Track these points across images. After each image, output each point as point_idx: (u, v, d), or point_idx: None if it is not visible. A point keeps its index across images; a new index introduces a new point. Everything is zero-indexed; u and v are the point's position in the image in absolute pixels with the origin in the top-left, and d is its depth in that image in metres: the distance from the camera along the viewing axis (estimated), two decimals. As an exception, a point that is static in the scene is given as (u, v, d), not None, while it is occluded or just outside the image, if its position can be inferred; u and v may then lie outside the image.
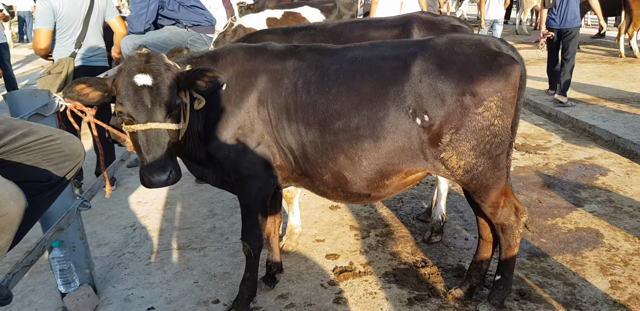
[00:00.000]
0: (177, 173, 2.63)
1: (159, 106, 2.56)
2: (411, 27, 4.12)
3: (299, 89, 2.81)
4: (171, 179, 2.58)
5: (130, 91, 2.54)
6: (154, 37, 4.66)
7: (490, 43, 2.76)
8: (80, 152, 2.30)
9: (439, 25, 4.20)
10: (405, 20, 4.21)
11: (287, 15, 6.86)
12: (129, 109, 2.55)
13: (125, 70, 2.60)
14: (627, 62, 10.73)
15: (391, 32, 4.17)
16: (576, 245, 4.03)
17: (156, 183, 2.55)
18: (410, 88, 2.67)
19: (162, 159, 2.56)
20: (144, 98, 2.54)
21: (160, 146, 2.57)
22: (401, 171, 2.81)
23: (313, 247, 4.11)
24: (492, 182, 2.86)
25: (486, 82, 2.64)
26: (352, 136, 2.73)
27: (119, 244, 4.31)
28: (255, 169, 2.91)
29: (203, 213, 4.80)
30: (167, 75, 2.61)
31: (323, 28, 4.24)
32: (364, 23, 4.33)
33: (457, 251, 3.99)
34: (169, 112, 2.60)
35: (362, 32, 4.15)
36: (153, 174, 2.54)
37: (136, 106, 2.54)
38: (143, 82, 2.55)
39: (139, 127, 2.55)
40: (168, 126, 2.59)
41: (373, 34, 4.14)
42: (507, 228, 3.05)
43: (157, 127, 2.55)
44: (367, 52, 2.83)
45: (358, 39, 4.07)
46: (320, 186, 2.95)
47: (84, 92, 2.60)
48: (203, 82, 2.68)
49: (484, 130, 2.71)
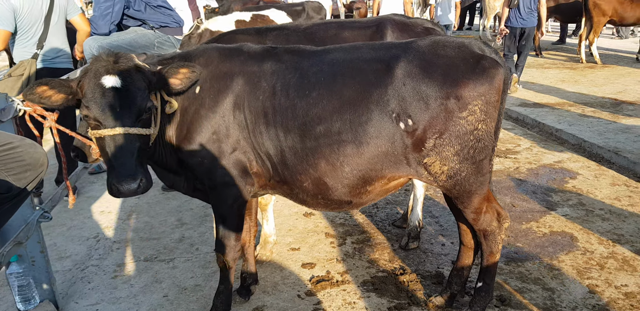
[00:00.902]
0: (148, 181, 2.47)
1: (129, 110, 2.40)
2: (385, 28, 4.07)
3: (277, 92, 2.69)
4: (142, 188, 2.41)
5: (97, 93, 2.38)
6: (119, 38, 4.45)
7: (474, 46, 2.70)
8: (42, 161, 2.13)
9: (412, 27, 4.19)
10: (378, 22, 4.17)
11: (256, 18, 6.72)
12: (96, 113, 2.38)
13: (92, 71, 2.43)
14: (588, 68, 10.98)
15: (364, 32, 4.12)
16: (552, 249, 4.02)
17: (125, 192, 2.38)
18: (394, 91, 2.58)
19: (131, 166, 2.39)
20: (113, 101, 2.38)
21: (129, 152, 2.41)
22: (384, 177, 2.72)
23: (288, 256, 3.98)
24: (475, 187, 2.80)
25: (470, 85, 2.58)
26: (334, 141, 2.62)
27: (82, 256, 4.08)
28: (231, 176, 2.77)
29: (171, 223, 4.61)
30: (138, 76, 2.46)
31: (297, 28, 4.15)
32: (337, 24, 4.26)
33: (435, 258, 3.92)
34: (139, 116, 2.44)
35: (336, 32, 4.09)
36: (122, 183, 2.37)
37: (104, 109, 2.38)
38: (111, 83, 2.39)
39: (107, 132, 2.38)
40: (138, 130, 2.43)
41: (347, 34, 4.08)
42: (489, 234, 2.99)
43: (127, 132, 2.39)
44: (348, 54, 2.73)
45: (332, 39, 4.00)
46: (300, 194, 2.83)
47: (46, 94, 2.42)
48: (177, 79, 2.55)
49: (468, 135, 2.64)
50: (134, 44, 4.46)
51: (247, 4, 8.71)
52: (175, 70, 2.52)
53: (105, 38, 4.40)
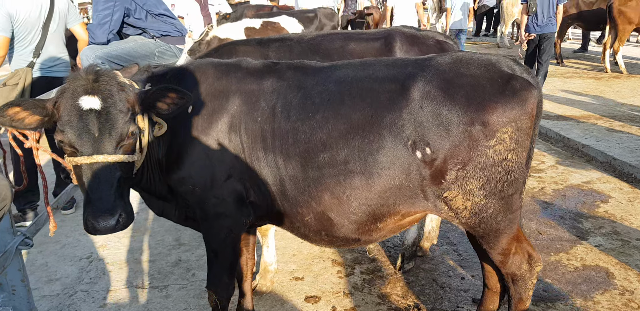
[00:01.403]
0: (128, 216, 2.16)
1: (109, 135, 2.11)
2: (393, 41, 3.82)
3: (277, 113, 2.37)
4: (120, 224, 2.11)
5: (73, 116, 2.08)
6: (118, 48, 4.17)
7: (502, 64, 2.35)
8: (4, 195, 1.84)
9: (423, 40, 3.94)
10: (387, 34, 3.92)
11: (266, 25, 6.46)
12: (72, 138, 2.09)
13: (69, 91, 2.13)
14: (613, 78, 10.47)
15: (372, 45, 3.87)
16: (585, 287, 3.61)
17: (101, 230, 2.09)
18: (410, 115, 2.24)
19: (109, 199, 2.09)
20: (90, 125, 2.08)
21: (108, 183, 2.11)
22: (397, 213, 2.38)
23: (290, 286, 3.64)
24: (503, 226, 2.44)
25: (499, 110, 2.22)
26: (340, 171, 2.29)
27: (72, 279, 3.79)
28: (225, 206, 2.45)
29: (168, 243, 4.30)
30: (120, 97, 2.16)
31: (300, 39, 3.87)
32: (343, 35, 4.00)
33: (454, 293, 3.55)
34: (120, 141, 2.14)
35: (342, 44, 3.85)
36: (98, 219, 2.07)
37: (80, 134, 2.08)
38: (90, 105, 2.09)
39: (84, 160, 2.08)
40: (119, 158, 2.13)
41: (353, 46, 3.84)
42: (519, 279, 2.62)
43: (105, 160, 2.09)
44: (357, 72, 2.40)
45: (338, 51, 3.76)
46: (301, 228, 2.50)
47: (18, 116, 2.12)
48: (165, 104, 2.24)
49: (496, 166, 2.29)
50: (134, 54, 4.18)
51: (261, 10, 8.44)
52: (162, 93, 2.21)
53: (103, 47, 4.13)
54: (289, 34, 4.32)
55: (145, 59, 4.24)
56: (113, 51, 4.11)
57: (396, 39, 3.87)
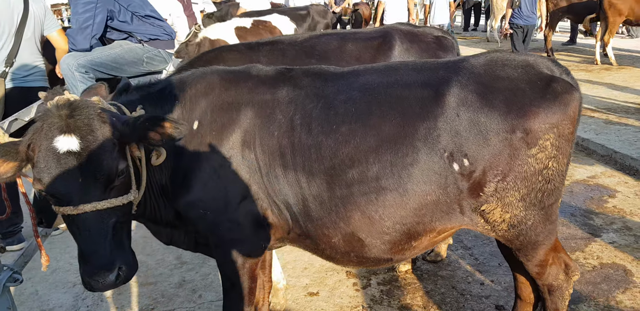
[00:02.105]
0: (130, 267, 1.92)
1: (94, 179, 1.82)
2: (392, 39, 3.67)
3: (296, 126, 2.16)
4: (122, 278, 1.87)
5: (50, 161, 1.79)
6: (102, 55, 3.87)
7: (541, 65, 2.18)
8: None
9: (422, 37, 3.82)
10: (384, 32, 3.77)
11: (257, 24, 6.22)
12: (52, 188, 1.80)
13: (42, 130, 1.83)
14: (604, 70, 10.45)
15: (370, 44, 3.71)
16: (606, 286, 3.50)
17: (100, 288, 1.84)
18: (446, 125, 2.05)
19: (105, 252, 1.82)
20: (71, 170, 1.79)
21: (102, 233, 1.83)
22: (433, 230, 2.19)
23: (306, 303, 3.44)
24: (542, 238, 2.28)
25: (541, 115, 2.05)
26: (371, 188, 2.09)
27: (67, 309, 3.54)
28: (240, 231, 2.24)
29: (169, 262, 4.06)
30: (103, 131, 1.86)
31: (293, 42, 3.67)
32: (338, 35, 3.83)
33: (475, 301, 3.39)
34: (109, 184, 1.87)
35: (339, 44, 3.66)
36: (94, 277, 1.81)
37: (61, 182, 1.79)
38: (67, 147, 1.79)
39: (70, 211, 1.81)
40: (111, 203, 1.86)
41: (351, 47, 3.66)
42: (556, 289, 2.47)
43: (95, 208, 1.82)
44: (383, 77, 2.20)
45: (335, 52, 3.57)
46: (327, 250, 2.30)
47: None
48: (157, 134, 1.93)
49: (536, 175, 2.12)
50: (120, 61, 3.90)
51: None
52: (152, 123, 1.92)
53: (86, 55, 3.82)
54: (279, 36, 4.10)
55: (132, 66, 3.96)
56: (97, 58, 3.81)
57: (395, 37, 3.72)
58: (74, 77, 3.72)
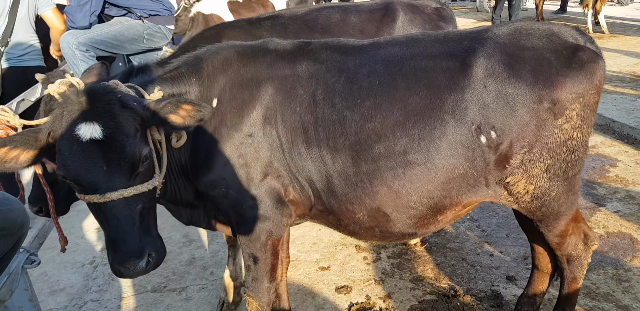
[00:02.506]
0: (159, 253, 1.89)
1: (119, 166, 1.78)
2: (396, 11, 3.66)
3: (318, 101, 2.11)
4: (152, 265, 1.84)
5: (74, 150, 1.74)
6: (102, 32, 3.76)
7: (565, 33, 2.14)
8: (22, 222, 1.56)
9: (422, 9, 3.82)
10: (386, 4, 3.75)
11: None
12: (77, 176, 1.76)
13: (63, 118, 1.77)
14: (596, 38, 10.28)
15: (373, 16, 3.68)
16: (614, 255, 3.55)
17: (131, 275, 1.82)
18: (473, 96, 2.02)
19: (134, 240, 1.79)
20: (95, 158, 1.74)
21: (130, 221, 1.80)
22: (459, 204, 2.18)
23: (318, 278, 3.45)
24: (564, 208, 2.28)
25: (568, 85, 2.03)
26: (399, 163, 2.06)
27: (78, 289, 3.52)
28: (263, 208, 2.21)
29: (177, 240, 4.04)
30: (125, 117, 1.80)
31: (294, 16, 3.60)
32: (340, 8, 3.77)
33: (486, 272, 3.43)
34: (134, 170, 1.82)
35: (341, 17, 3.61)
36: (125, 265, 1.78)
37: (86, 170, 1.75)
38: (90, 135, 1.74)
39: (96, 199, 1.76)
40: (137, 190, 1.81)
41: (354, 19, 3.62)
42: (575, 259, 2.50)
43: (122, 196, 1.77)
44: (406, 49, 2.15)
45: (338, 25, 3.54)
46: (350, 226, 2.28)
47: (9, 157, 1.76)
48: (179, 117, 1.88)
49: (561, 146, 2.11)
50: (120, 38, 3.79)
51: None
52: (174, 107, 1.87)
53: (86, 32, 3.71)
54: (279, 10, 4.00)
55: (133, 43, 3.86)
56: (97, 36, 3.70)
57: (398, 8, 3.71)
58: (75, 55, 3.63)
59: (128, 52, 3.98)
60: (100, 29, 3.79)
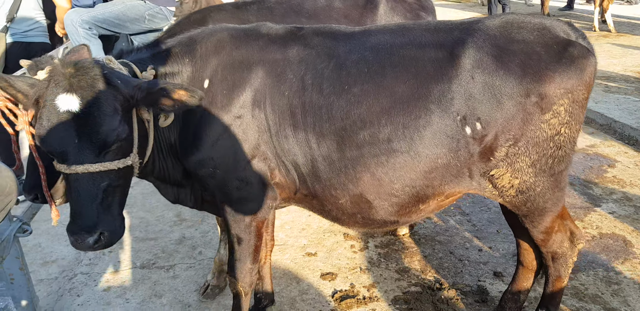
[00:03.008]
0: (113, 234, 1.92)
1: (89, 141, 1.82)
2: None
3: (307, 86, 2.12)
4: (101, 244, 1.88)
5: (50, 118, 1.79)
6: (106, 11, 3.80)
7: (557, 28, 2.13)
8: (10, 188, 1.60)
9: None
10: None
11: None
12: (49, 144, 1.82)
13: (49, 86, 1.83)
14: (603, 37, 10.28)
15: (357, 2, 3.69)
16: (605, 257, 3.53)
17: (79, 248, 1.88)
18: (460, 87, 2.02)
19: (91, 215, 1.84)
20: (68, 130, 1.79)
21: (90, 196, 1.84)
22: (442, 194, 2.19)
23: (304, 263, 3.48)
24: (550, 204, 2.28)
25: (556, 80, 2.02)
26: (382, 150, 2.07)
27: (70, 261, 3.57)
28: (249, 189, 2.23)
29: (169, 219, 4.08)
30: (106, 94, 1.84)
31: (280, 0, 3.57)
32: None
33: (473, 267, 3.43)
34: (104, 148, 1.85)
35: (327, 3, 3.62)
36: (74, 236, 1.84)
37: (57, 140, 1.80)
38: (67, 106, 1.79)
39: (63, 169, 1.82)
40: (103, 166, 1.84)
41: (338, 4, 3.63)
42: (560, 257, 2.50)
43: (86, 170, 1.81)
44: (396, 38, 2.15)
45: (324, 10, 3.56)
46: (333, 211, 2.30)
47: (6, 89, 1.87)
48: (171, 101, 1.91)
49: (548, 141, 2.10)
50: (122, 18, 3.82)
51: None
52: (169, 91, 1.89)
53: (89, 11, 3.74)
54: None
55: (134, 23, 3.89)
56: (100, 15, 3.74)
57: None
58: (78, 33, 3.67)
59: (130, 32, 4.01)
60: (103, 8, 3.84)
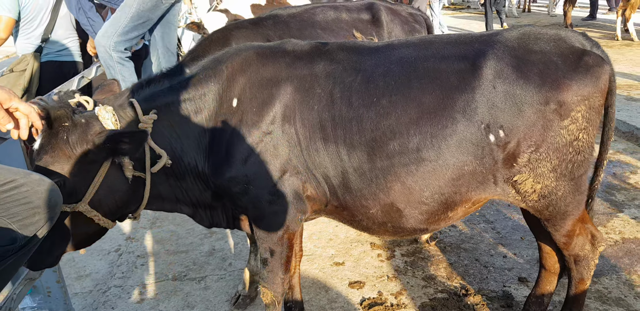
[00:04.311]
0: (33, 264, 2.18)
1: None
2: (380, 11, 3.95)
3: (336, 100, 2.21)
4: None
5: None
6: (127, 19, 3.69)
7: (572, 39, 2.22)
8: (55, 200, 1.69)
9: (399, 12, 4.13)
10: (369, 5, 4.03)
11: (272, 1, 6.18)
12: None
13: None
14: (625, 46, 10.32)
15: (362, 15, 3.95)
16: (628, 261, 3.56)
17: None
18: (483, 97, 2.10)
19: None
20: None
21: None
22: (469, 200, 2.26)
23: (332, 272, 3.56)
24: (571, 208, 2.34)
25: (574, 88, 2.10)
26: (412, 159, 2.16)
27: (103, 275, 3.68)
28: (281, 203, 2.31)
29: (199, 232, 4.19)
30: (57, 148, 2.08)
31: (291, 14, 3.78)
32: (330, 7, 3.97)
33: (498, 273, 3.48)
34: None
35: (335, 15, 3.85)
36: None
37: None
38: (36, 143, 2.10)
39: None
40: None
41: (346, 17, 3.88)
42: (582, 260, 2.54)
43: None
44: (419, 51, 2.24)
45: (335, 22, 3.78)
46: (364, 221, 2.37)
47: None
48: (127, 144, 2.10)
49: (567, 146, 2.18)
50: (143, 14, 3.62)
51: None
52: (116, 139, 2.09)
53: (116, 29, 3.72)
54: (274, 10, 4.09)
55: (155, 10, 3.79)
56: (125, 27, 3.73)
57: (381, 9, 3.98)
58: (112, 58, 3.78)
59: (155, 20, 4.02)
60: (120, 18, 3.82)
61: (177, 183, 2.35)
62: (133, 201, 2.30)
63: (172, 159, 2.27)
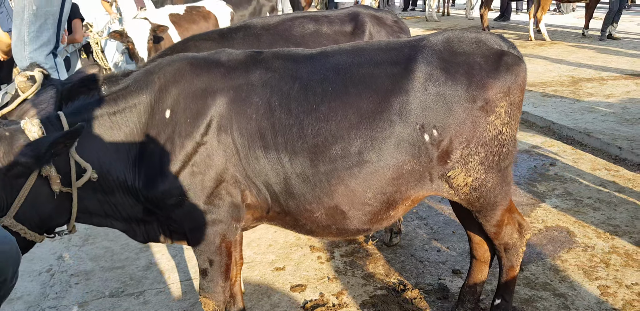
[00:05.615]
0: None
1: None
2: (364, 22, 3.87)
3: (275, 108, 2.23)
4: None
5: None
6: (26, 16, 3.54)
7: (491, 40, 2.37)
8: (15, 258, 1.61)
9: (384, 20, 4.08)
10: (354, 15, 3.95)
11: (190, 10, 6.13)
12: None
13: None
14: (538, 46, 10.96)
15: (344, 27, 3.87)
16: (552, 247, 3.79)
17: None
18: (416, 99, 2.20)
19: None
20: None
21: None
22: (408, 198, 2.36)
23: (274, 278, 3.56)
24: (500, 198, 2.48)
25: (497, 86, 2.24)
26: (354, 162, 2.22)
27: (36, 296, 3.50)
28: (217, 213, 2.30)
29: (134, 246, 4.07)
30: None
31: (266, 25, 3.68)
32: (311, 18, 3.90)
33: (434, 267, 3.61)
34: None
35: (314, 28, 3.76)
36: None
37: None
38: None
39: None
40: None
41: (326, 29, 3.78)
42: (511, 247, 2.70)
43: None
44: (353, 58, 2.31)
45: (313, 36, 3.65)
46: (307, 225, 2.40)
47: None
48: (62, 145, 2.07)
49: (493, 140, 2.32)
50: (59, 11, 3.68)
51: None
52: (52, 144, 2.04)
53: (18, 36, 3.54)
54: (250, 20, 4.03)
55: (52, 2, 3.72)
56: (28, 35, 3.51)
57: (366, 20, 3.92)
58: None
59: (59, 17, 3.86)
60: (19, 25, 3.62)
61: (106, 197, 2.30)
62: (61, 215, 2.24)
63: (100, 174, 2.22)
